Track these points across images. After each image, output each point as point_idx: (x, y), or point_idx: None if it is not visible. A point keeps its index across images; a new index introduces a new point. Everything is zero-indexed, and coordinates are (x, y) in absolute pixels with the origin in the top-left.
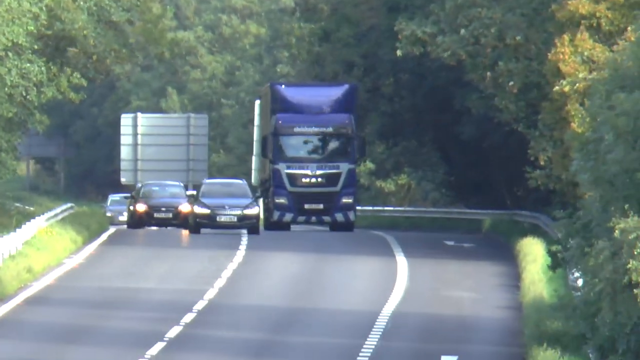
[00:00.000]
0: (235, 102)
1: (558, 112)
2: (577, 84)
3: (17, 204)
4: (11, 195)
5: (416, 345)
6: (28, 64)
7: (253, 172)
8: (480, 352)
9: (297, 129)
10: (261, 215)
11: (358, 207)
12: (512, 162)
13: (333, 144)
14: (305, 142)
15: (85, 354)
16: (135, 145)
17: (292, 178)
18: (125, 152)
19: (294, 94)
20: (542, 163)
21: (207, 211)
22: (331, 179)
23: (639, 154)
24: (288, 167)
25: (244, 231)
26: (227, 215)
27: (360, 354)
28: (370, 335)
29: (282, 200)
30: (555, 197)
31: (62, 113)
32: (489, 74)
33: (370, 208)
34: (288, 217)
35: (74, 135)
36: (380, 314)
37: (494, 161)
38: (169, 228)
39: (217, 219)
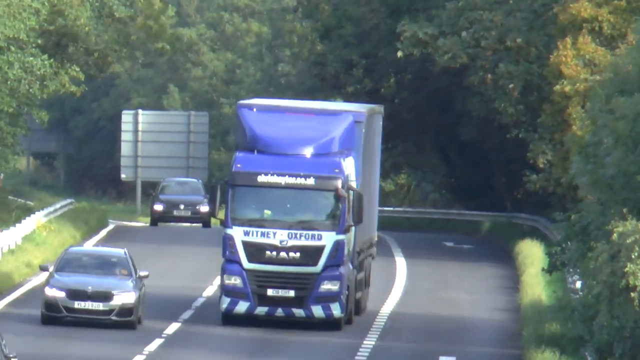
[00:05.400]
0: (235, 100)
1: (559, 114)
2: (578, 84)
3: (17, 199)
4: (11, 190)
5: (414, 346)
6: (31, 58)
7: None
8: (478, 353)
9: (261, 178)
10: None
11: None
12: (512, 165)
13: (315, 203)
14: (273, 199)
15: (82, 349)
16: (135, 142)
17: (251, 250)
18: (125, 149)
19: (265, 123)
20: (541, 166)
21: None
22: (309, 254)
23: (638, 158)
24: (245, 233)
25: None
26: None
27: (359, 353)
28: (368, 335)
29: (234, 282)
30: (555, 199)
31: (63, 108)
32: (489, 76)
33: None
34: (242, 307)
35: (74, 131)
36: (379, 314)
37: (493, 163)
38: None
39: None
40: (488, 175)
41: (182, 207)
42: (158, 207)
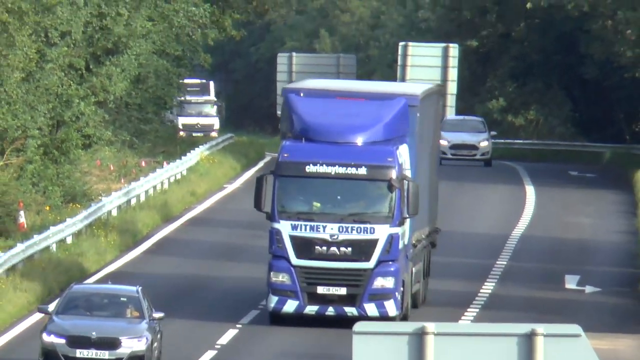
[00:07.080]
0: (380, 43)
1: None
2: None
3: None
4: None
5: (542, 265)
6: (193, 7)
7: None
8: (600, 272)
9: (309, 168)
10: None
11: (492, 141)
12: (631, 101)
13: (367, 195)
14: (322, 190)
15: (242, 269)
16: (290, 81)
17: (300, 245)
18: (281, 88)
19: (313, 109)
20: None
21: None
22: (361, 249)
23: None
24: (293, 227)
25: None
26: None
27: (492, 273)
28: (501, 256)
29: (281, 279)
30: None
31: (224, 52)
32: (609, 22)
33: (502, 141)
34: (290, 306)
35: (234, 72)
36: (510, 237)
37: (614, 100)
38: None
39: None
40: (609, 110)
41: None
42: None
